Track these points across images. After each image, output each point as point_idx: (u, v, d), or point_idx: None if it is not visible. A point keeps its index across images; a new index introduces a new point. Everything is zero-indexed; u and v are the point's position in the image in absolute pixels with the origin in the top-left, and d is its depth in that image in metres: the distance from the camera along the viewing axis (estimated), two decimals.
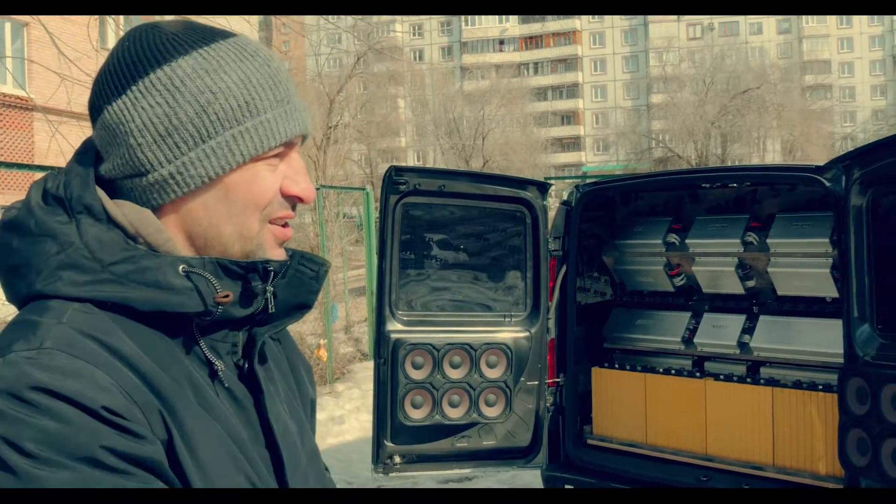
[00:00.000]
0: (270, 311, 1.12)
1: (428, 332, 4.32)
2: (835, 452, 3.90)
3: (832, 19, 74.90)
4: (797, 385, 4.19)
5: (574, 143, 76.88)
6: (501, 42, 77.76)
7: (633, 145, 60.23)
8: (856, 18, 74.78)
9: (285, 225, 1.13)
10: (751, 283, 4.56)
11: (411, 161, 61.61)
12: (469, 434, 4.48)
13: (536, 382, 4.57)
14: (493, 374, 4.42)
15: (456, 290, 4.50)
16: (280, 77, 1.10)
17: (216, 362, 1.08)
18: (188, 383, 1.04)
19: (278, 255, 1.13)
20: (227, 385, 1.10)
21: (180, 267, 1.04)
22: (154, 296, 1.02)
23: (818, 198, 4.29)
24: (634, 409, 4.69)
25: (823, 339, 4.18)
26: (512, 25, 77.12)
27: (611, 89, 77.67)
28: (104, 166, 1.08)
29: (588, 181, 5.28)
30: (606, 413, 4.83)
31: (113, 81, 1.06)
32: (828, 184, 3.73)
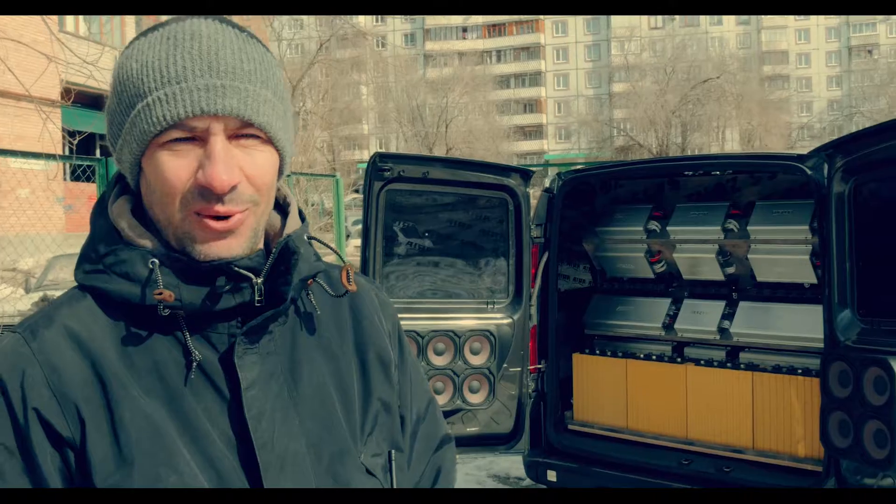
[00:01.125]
0: (258, 304, 1.10)
1: (412, 318, 4.32)
2: (814, 435, 3.98)
3: None
4: (776, 369, 4.26)
5: (536, 132, 77.13)
6: (465, 29, 77.67)
7: (595, 134, 60.65)
8: None
9: (225, 217, 1.06)
10: (730, 270, 4.63)
11: (373, 148, 61.36)
12: (452, 420, 4.49)
13: (519, 369, 4.60)
14: (477, 360, 4.44)
15: (439, 276, 4.51)
16: (176, 58, 1.05)
17: (194, 353, 1.08)
18: (153, 372, 1.07)
19: (211, 248, 1.07)
20: (209, 375, 1.09)
21: (150, 261, 1.07)
22: (122, 287, 1.08)
23: (797, 186, 4.36)
24: (615, 395, 4.74)
25: (802, 324, 4.26)
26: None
27: (573, 78, 78.00)
28: None
29: (573, 168, 5.30)
30: (587, 399, 4.87)
31: None
32: (809, 172, 3.80)
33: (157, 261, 1.07)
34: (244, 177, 1.07)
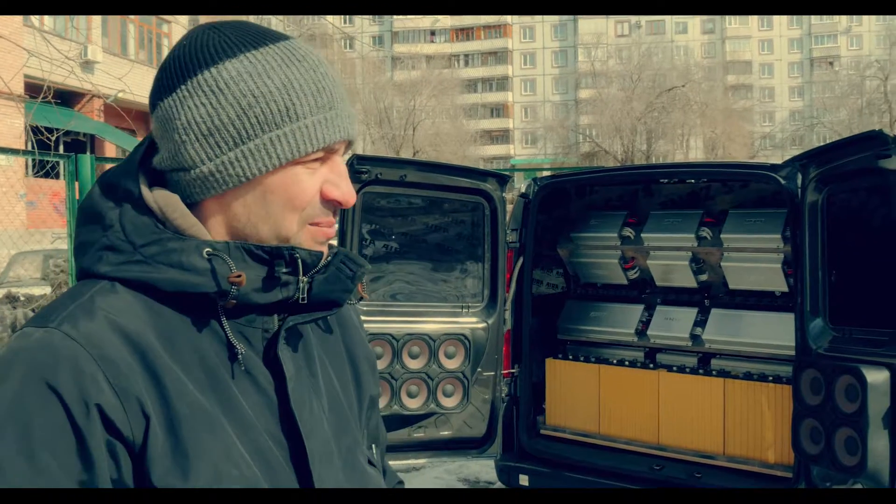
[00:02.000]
0: (301, 302, 1.13)
1: (387, 321, 4.31)
2: (783, 441, 4.04)
3: (754, 21, 76.99)
4: (748, 376, 4.32)
5: (503, 136, 77.37)
6: (433, 33, 77.73)
7: (561, 139, 61.07)
8: (776, 21, 77.04)
9: (331, 225, 1.16)
10: (703, 277, 4.68)
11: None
12: (425, 424, 4.49)
13: (493, 373, 4.60)
14: (451, 364, 4.45)
15: (415, 279, 4.51)
16: (324, 83, 1.12)
17: (237, 345, 1.09)
18: (199, 365, 1.07)
19: (315, 248, 1.15)
20: (248, 369, 1.11)
21: (204, 250, 1.08)
22: (175, 276, 1.07)
23: (770, 195, 4.42)
24: (588, 400, 4.77)
25: (773, 332, 4.32)
26: (443, 16, 77.15)
27: (540, 83, 78.38)
28: (156, 157, 1.14)
29: (545, 174, 5.32)
30: (560, 403, 4.89)
31: (166, 79, 1.12)
32: (783, 181, 3.85)
33: (211, 249, 1.08)
34: None
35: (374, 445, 1.34)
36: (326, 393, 1.21)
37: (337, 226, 1.19)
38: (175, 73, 1.11)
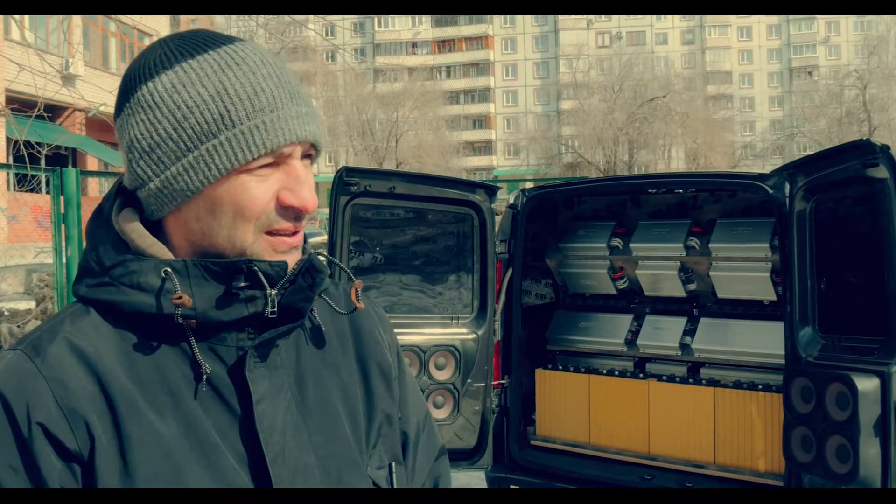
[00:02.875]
0: (271, 315, 1.10)
1: None
2: (774, 450, 4.05)
3: (733, 31, 77.68)
4: (737, 385, 4.33)
5: (486, 147, 77.55)
6: (414, 45, 77.89)
7: (544, 150, 61.19)
8: (755, 31, 77.75)
9: (293, 233, 1.12)
10: (692, 287, 4.69)
11: (323, 162, 61.11)
12: None
13: (483, 384, 4.59)
14: (441, 375, 4.44)
15: (405, 291, 4.50)
16: (263, 85, 1.08)
17: (203, 365, 1.07)
18: (161, 386, 1.06)
19: (277, 259, 1.11)
20: (216, 388, 1.09)
21: (162, 269, 1.07)
22: (133, 297, 1.07)
23: (757, 204, 4.44)
24: (578, 410, 4.76)
25: (762, 340, 4.34)
26: (425, 28, 77.36)
27: (522, 94, 78.66)
28: (124, 178, 1.15)
29: (529, 185, 5.34)
30: (550, 414, 4.89)
31: (118, 98, 1.13)
32: (771, 191, 3.87)
33: (169, 269, 1.07)
34: None
35: (393, 464, 1.26)
36: (320, 413, 1.17)
37: (302, 234, 1.14)
38: (122, 92, 1.12)
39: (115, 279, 1.08)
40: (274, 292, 1.10)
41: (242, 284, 1.08)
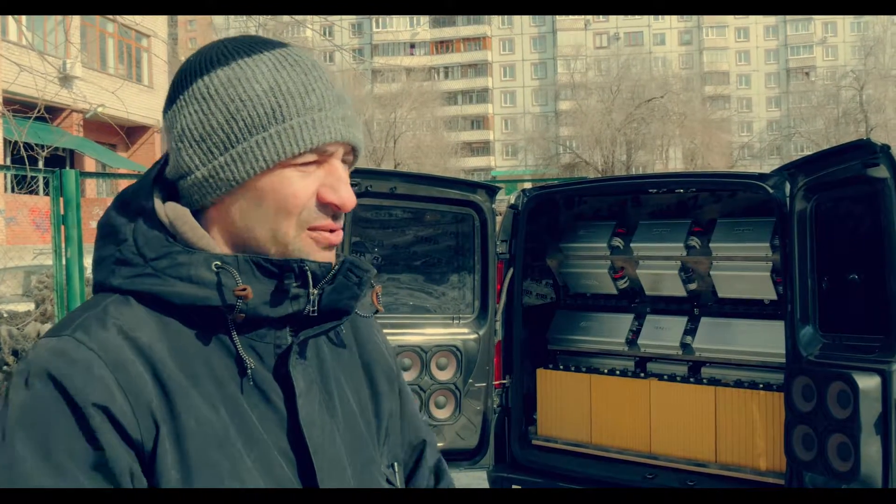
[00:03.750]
0: (311, 314, 1.13)
1: None
2: (775, 449, 4.06)
3: (731, 32, 77.76)
4: (738, 384, 4.34)
5: (483, 148, 77.57)
6: (412, 45, 77.92)
7: (542, 151, 61.23)
8: (752, 32, 77.83)
9: (333, 231, 1.15)
10: (693, 286, 4.70)
11: None
12: None
13: (484, 384, 4.60)
14: (443, 376, 4.45)
15: (406, 291, 4.51)
16: (314, 85, 1.12)
17: (247, 360, 1.09)
18: (210, 378, 1.07)
19: (323, 258, 1.14)
20: (257, 384, 1.11)
21: (213, 263, 1.08)
22: (184, 289, 1.08)
23: (757, 203, 4.45)
24: (579, 410, 4.77)
25: (763, 339, 4.35)
26: (423, 29, 77.37)
27: (520, 95, 78.69)
28: (167, 169, 1.17)
29: (527, 186, 5.35)
30: (551, 414, 4.90)
31: (170, 92, 1.17)
32: (771, 190, 3.88)
33: (220, 263, 1.09)
34: None
35: (395, 464, 1.30)
36: (342, 410, 1.20)
37: (342, 232, 1.17)
38: (175, 85, 1.15)
39: (159, 271, 1.08)
40: (316, 291, 1.12)
41: (294, 284, 1.11)
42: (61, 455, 0.97)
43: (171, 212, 1.13)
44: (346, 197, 1.13)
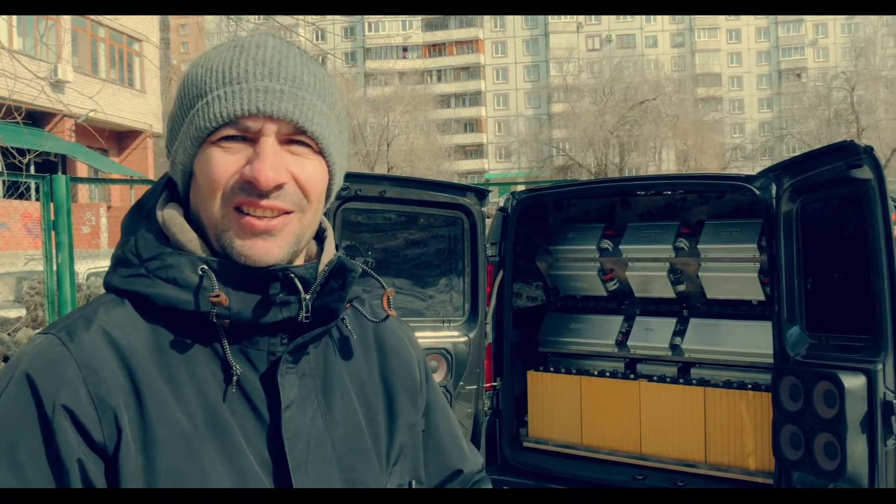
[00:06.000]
0: (303, 320, 1.09)
1: None
2: (764, 449, 4.09)
3: (722, 34, 77.94)
4: (727, 385, 4.36)
5: (477, 151, 77.58)
6: (405, 49, 77.94)
7: (535, 153, 61.22)
8: (744, 34, 78.04)
9: (263, 216, 1.06)
10: (681, 288, 4.73)
11: None
12: None
13: (475, 387, 4.61)
14: (433, 378, 4.45)
15: (396, 295, 4.50)
16: (239, 60, 1.07)
17: (235, 367, 1.06)
18: (191, 384, 1.04)
19: (251, 247, 1.06)
20: (245, 392, 1.07)
21: (200, 266, 1.06)
22: (168, 292, 1.05)
23: (745, 205, 4.48)
24: (570, 412, 4.79)
25: (751, 340, 4.38)
26: (415, 32, 77.41)
27: (513, 98, 78.75)
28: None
29: (520, 188, 5.37)
30: (542, 416, 4.92)
31: None
32: (758, 192, 3.91)
33: (206, 266, 1.06)
34: (293, 179, 1.08)
35: (413, 482, 1.24)
36: (344, 423, 1.15)
37: (281, 221, 1.07)
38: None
39: (151, 271, 1.07)
40: (308, 297, 1.09)
41: (280, 294, 1.07)
42: (24, 454, 0.96)
43: (166, 213, 1.11)
44: (259, 170, 1.03)
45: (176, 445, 1.01)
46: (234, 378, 1.06)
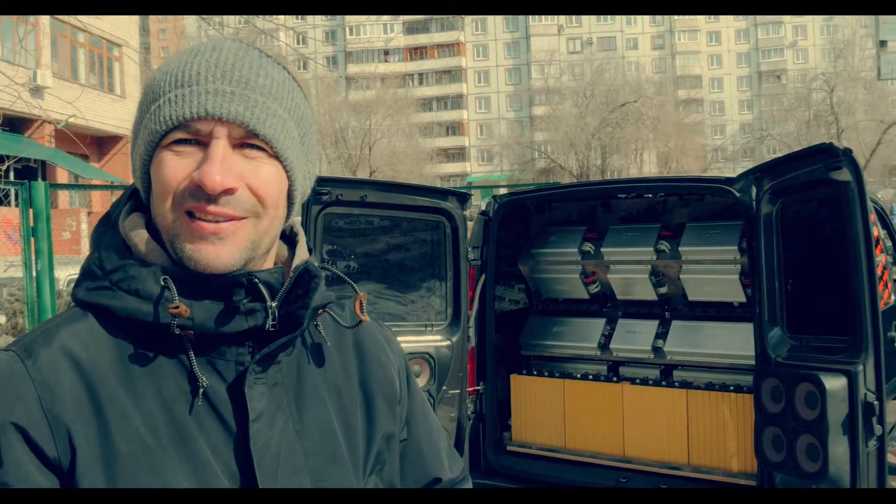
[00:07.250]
0: (272, 328, 1.06)
1: None
2: (746, 450, 4.10)
3: (703, 36, 78.41)
4: (709, 387, 4.38)
5: (459, 154, 77.65)
6: (386, 52, 77.89)
7: (517, 156, 61.29)
8: (724, 36, 78.54)
9: (214, 220, 1.03)
10: (663, 290, 4.74)
11: None
12: None
13: (458, 391, 4.60)
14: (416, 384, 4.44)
15: (378, 299, 4.50)
16: (192, 63, 1.05)
17: (201, 379, 1.03)
18: (156, 398, 1.03)
19: (199, 251, 1.03)
20: (213, 404, 1.05)
21: (161, 277, 1.03)
22: (128, 303, 1.03)
23: (725, 207, 4.50)
24: (553, 415, 4.79)
25: (732, 342, 4.39)
26: (396, 36, 77.39)
27: (494, 101, 78.87)
28: None
29: (503, 191, 5.37)
30: (525, 419, 4.91)
31: None
32: (738, 194, 3.92)
33: (168, 277, 1.03)
34: (245, 185, 1.05)
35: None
36: (318, 433, 1.13)
37: (233, 226, 1.04)
38: None
39: (114, 284, 1.04)
40: (275, 304, 1.06)
41: (245, 299, 1.05)
42: None
43: (128, 223, 1.09)
44: (205, 173, 1.01)
45: (137, 461, 0.99)
46: (201, 390, 1.04)
